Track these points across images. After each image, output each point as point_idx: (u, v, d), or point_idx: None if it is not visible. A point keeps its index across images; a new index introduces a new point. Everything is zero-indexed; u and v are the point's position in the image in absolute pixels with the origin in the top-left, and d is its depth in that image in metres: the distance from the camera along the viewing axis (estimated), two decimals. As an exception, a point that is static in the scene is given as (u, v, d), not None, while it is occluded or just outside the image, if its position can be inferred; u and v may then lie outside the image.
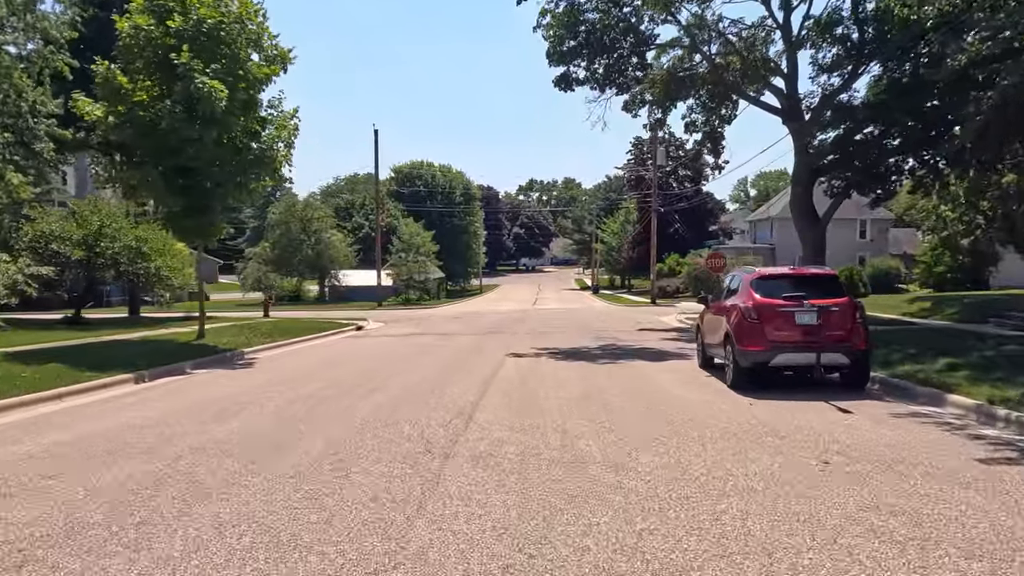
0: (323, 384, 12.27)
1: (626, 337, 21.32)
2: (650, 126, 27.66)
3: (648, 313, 34.14)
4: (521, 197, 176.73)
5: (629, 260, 71.13)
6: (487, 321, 29.83)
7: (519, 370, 13.89)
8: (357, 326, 27.27)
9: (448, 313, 38.06)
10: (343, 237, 66.40)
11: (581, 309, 40.04)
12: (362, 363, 15.62)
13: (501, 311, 38.53)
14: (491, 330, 25.08)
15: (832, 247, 55.70)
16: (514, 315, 34.24)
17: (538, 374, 13.33)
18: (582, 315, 33.62)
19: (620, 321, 28.67)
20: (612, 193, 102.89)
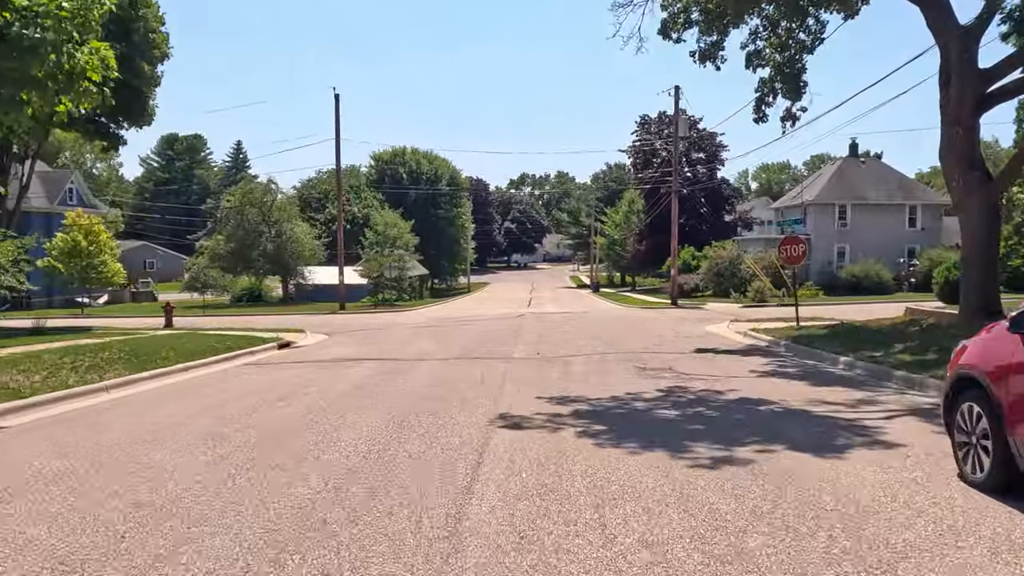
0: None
1: (689, 366, 13.15)
2: (699, 55, 19.42)
3: (680, 320, 25.97)
4: (512, 191, 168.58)
5: (635, 255, 63.02)
6: (469, 333, 21.64)
7: (525, 493, 5.59)
8: (280, 343, 18.94)
9: (423, 319, 29.76)
10: (308, 229, 57.99)
11: (588, 313, 31.80)
12: (135, 480, 7.37)
13: (489, 316, 30.35)
14: (471, 350, 16.85)
15: (877, 236, 47.79)
16: (505, 322, 26.06)
17: (575, 510, 5.07)
18: (594, 322, 25.45)
19: (652, 333, 20.52)
20: (612, 183, 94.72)
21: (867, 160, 50.39)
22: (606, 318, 27.39)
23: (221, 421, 8.45)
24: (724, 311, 31.84)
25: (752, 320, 23.43)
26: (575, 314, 30.74)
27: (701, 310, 33.15)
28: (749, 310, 32.87)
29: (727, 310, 33.06)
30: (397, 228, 54.83)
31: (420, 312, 38.19)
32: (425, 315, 33.46)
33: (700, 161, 61.67)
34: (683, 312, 31.39)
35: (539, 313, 31.67)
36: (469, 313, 33.59)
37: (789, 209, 52.90)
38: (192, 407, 9.79)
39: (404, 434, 7.64)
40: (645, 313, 30.98)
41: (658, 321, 25.08)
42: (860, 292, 43.00)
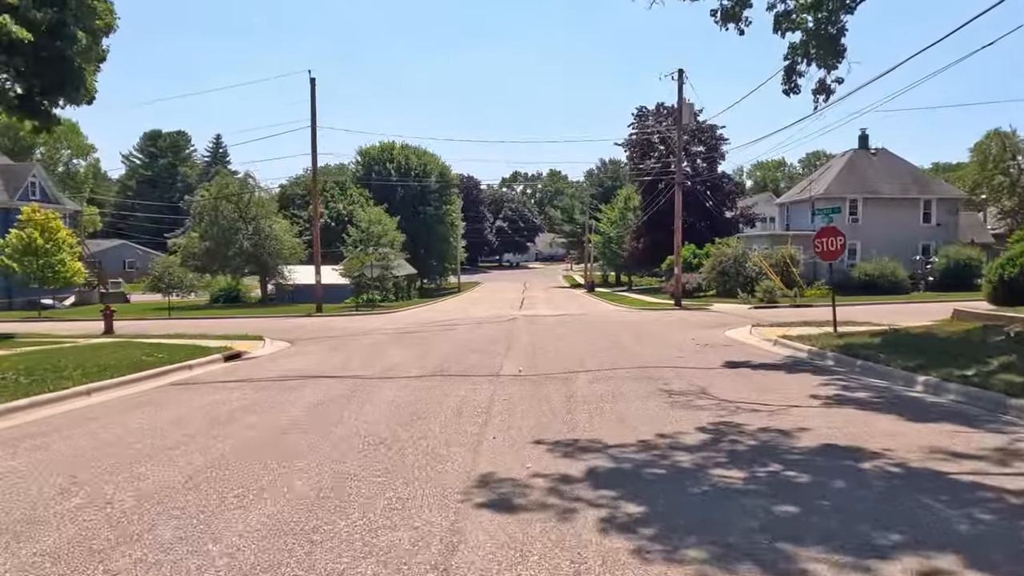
0: None
1: (727, 387, 10.30)
2: (721, 14, 16.55)
3: (692, 323, 23.14)
4: (504, 190, 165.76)
5: (632, 253, 60.24)
6: (453, 341, 18.74)
7: None
8: (228, 354, 15.98)
9: (405, 322, 26.82)
10: (288, 226, 54.93)
11: (586, 316, 28.92)
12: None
13: (478, 319, 27.45)
14: (451, 364, 13.94)
15: (890, 232, 45.07)
16: (494, 327, 23.15)
17: None
18: (594, 327, 22.58)
19: (665, 340, 17.68)
20: (607, 179, 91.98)
21: (878, 152, 47.74)
22: (607, 321, 24.55)
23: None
24: (735, 313, 29.08)
25: (774, 324, 20.63)
26: (572, 317, 27.87)
27: (709, 312, 30.37)
28: (761, 312, 30.11)
29: (738, 312, 30.28)
30: (382, 225, 51.84)
31: (403, 314, 35.24)
32: (408, 318, 30.52)
33: (700, 155, 58.92)
34: (691, 314, 28.56)
35: (532, 316, 28.78)
36: (456, 315, 30.69)
37: (795, 204, 50.21)
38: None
39: (322, 528, 4.75)
40: (649, 315, 28.16)
41: (667, 325, 22.24)
42: (874, 292, 40.33)
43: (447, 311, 36.78)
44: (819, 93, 17.80)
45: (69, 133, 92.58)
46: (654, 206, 57.05)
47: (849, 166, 46.43)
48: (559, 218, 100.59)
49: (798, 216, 49.47)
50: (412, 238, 79.03)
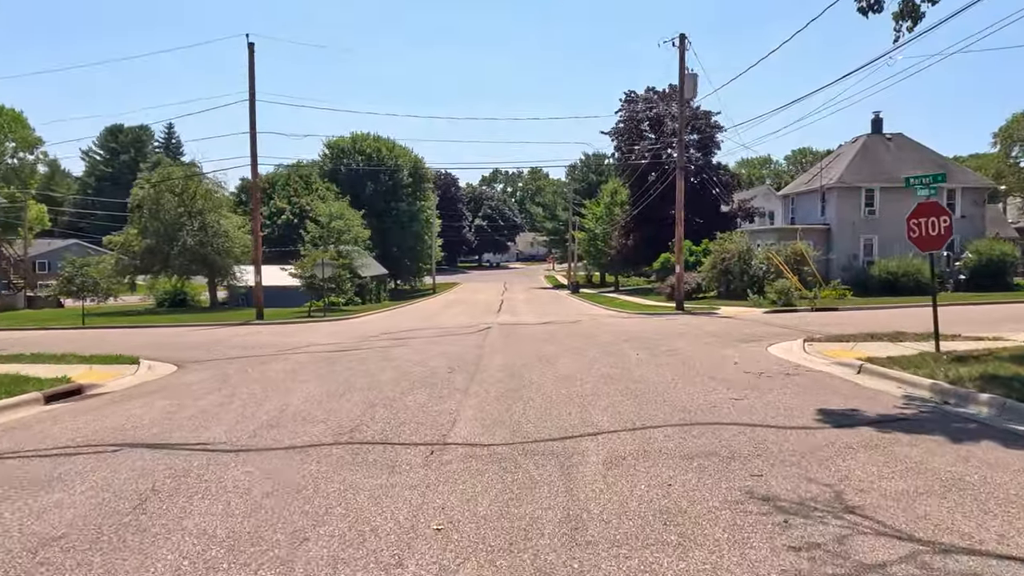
0: None
1: (879, 488, 5.28)
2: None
3: (716, 336, 18.05)
4: (484, 188, 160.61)
5: (620, 251, 55.34)
6: (398, 365, 13.51)
7: None
8: (55, 392, 10.67)
9: (352, 333, 21.41)
10: (241, 221, 49.38)
11: (578, 324, 23.66)
12: None
13: (443, 328, 22.22)
14: (371, 416, 8.80)
15: None
16: (461, 341, 17.91)
17: None
18: (592, 341, 17.41)
19: (696, 363, 12.55)
20: (592, 174, 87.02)
21: (894, 137, 43.15)
22: (604, 331, 19.40)
23: None
24: (753, 318, 24.12)
25: (830, 338, 15.65)
26: (560, 325, 22.72)
27: (719, 317, 25.39)
28: (781, 317, 25.22)
29: (755, 317, 25.36)
30: (345, 220, 46.41)
31: (360, 321, 29.93)
32: (362, 327, 25.21)
33: (693, 144, 54.07)
34: (701, 320, 23.52)
35: (511, 324, 23.58)
36: (419, 323, 25.45)
37: (802, 196, 45.49)
38: None
39: None
40: (652, 322, 23.02)
41: (682, 337, 17.17)
42: (897, 292, 35.67)
43: (412, 316, 31.54)
44: (902, 19, 12.84)
45: (13, 124, 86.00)
46: (644, 199, 52.21)
47: (863, 152, 41.79)
48: (540, 215, 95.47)
49: (805, 209, 44.77)
50: (383, 236, 73.60)
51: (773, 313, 28.15)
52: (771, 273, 37.22)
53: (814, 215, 42.92)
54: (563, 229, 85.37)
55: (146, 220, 45.88)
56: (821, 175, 41.69)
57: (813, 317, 24.91)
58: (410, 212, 73.58)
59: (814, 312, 28.58)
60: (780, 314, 27.46)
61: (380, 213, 72.81)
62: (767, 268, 37.19)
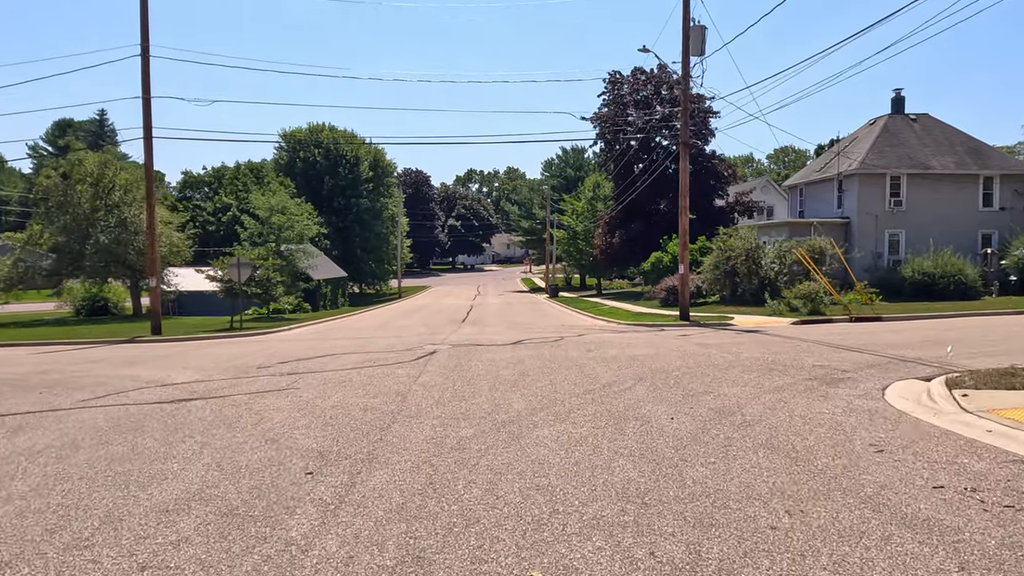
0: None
1: None
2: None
3: (766, 364, 12.09)
4: (458, 188, 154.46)
5: (604, 250, 49.42)
6: (214, 457, 7.47)
7: None
8: None
9: (242, 363, 14.87)
10: (168, 215, 42.76)
11: (559, 346, 17.12)
12: None
13: (371, 353, 15.97)
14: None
15: (943, 218, 34.21)
16: (378, 383, 11.62)
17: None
18: (593, 388, 11.29)
19: (821, 470, 6.56)
20: (571, 169, 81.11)
21: (919, 118, 37.67)
22: (602, 363, 13.04)
23: None
24: (787, 333, 18.19)
25: (965, 376, 9.70)
26: (536, 348, 16.57)
27: (742, 331, 19.39)
28: (819, 329, 19.37)
29: (785, 330, 19.49)
30: (287, 214, 39.93)
31: (277, 338, 23.61)
32: (271, 347, 18.84)
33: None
34: (729, 339, 17.48)
35: (470, 344, 17.35)
36: (351, 341, 19.16)
37: (812, 186, 39.83)
38: None
39: None
40: (664, 342, 16.78)
41: (729, 373, 10.97)
42: (933, 296, 30.13)
43: (351, 331, 25.30)
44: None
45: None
46: (631, 192, 46.39)
47: (885, 135, 36.21)
48: (516, 213, 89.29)
49: (816, 201, 39.14)
50: (344, 235, 67.16)
51: (804, 324, 22.32)
52: (784, 274, 31.54)
53: (828, 208, 37.29)
54: (540, 228, 79.43)
55: (52, 214, 39.13)
56: (838, 160, 36.02)
57: (860, 330, 19.08)
58: (372, 209, 67.17)
59: (854, 322, 22.82)
60: (813, 326, 21.64)
61: (340, 210, 66.46)
62: (780, 269, 31.51)
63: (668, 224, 46.98)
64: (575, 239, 59.45)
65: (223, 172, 66.30)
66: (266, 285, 29.15)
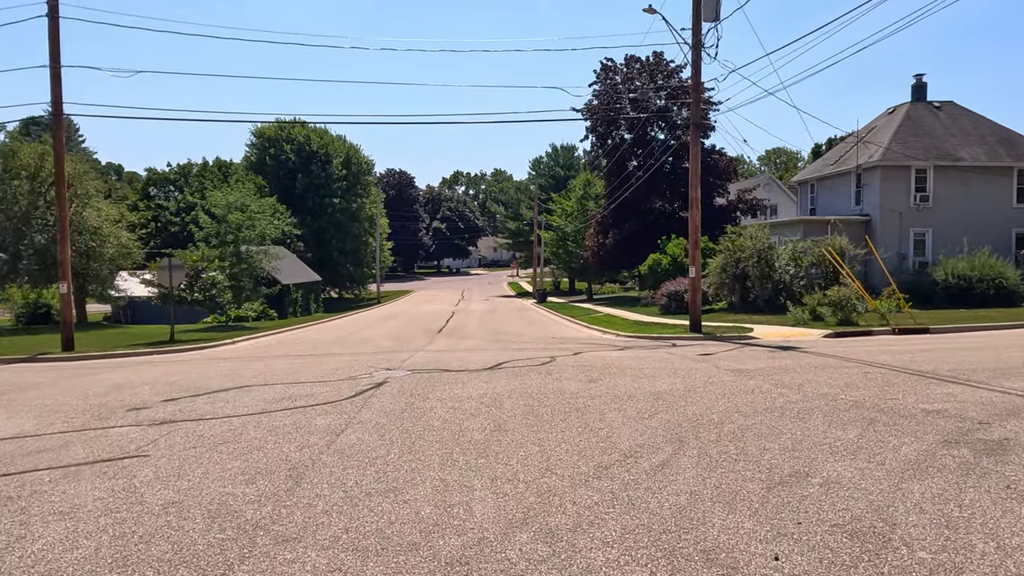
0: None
1: None
2: None
3: (887, 425, 8.48)
4: (444, 190, 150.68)
5: (597, 252, 45.81)
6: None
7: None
8: None
9: (126, 397, 11.13)
10: (117, 212, 38.76)
11: (550, 371, 13.38)
12: None
13: (305, 381, 12.19)
14: None
15: (972, 215, 29.62)
16: (275, 448, 8.00)
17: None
18: (607, 463, 7.75)
19: None
20: (559, 168, 77.50)
21: (943, 105, 34.31)
22: (612, 403, 9.35)
23: None
24: (832, 351, 14.53)
25: None
26: (520, 373, 12.87)
27: (773, 347, 15.73)
28: (864, 344, 15.79)
29: (824, 346, 15.91)
30: (247, 211, 36.01)
31: (207, 357, 19.73)
32: (194, 369, 14.90)
33: (682, 123, 44.80)
34: (768, 360, 13.81)
35: (437, 370, 13.62)
36: (285, 365, 15.31)
37: (826, 181, 36.37)
38: None
39: None
40: (687, 367, 13.10)
41: (809, 426, 7.43)
42: (968, 302, 26.73)
43: (304, 346, 21.49)
44: None
45: None
46: (624, 190, 42.80)
47: (908, 123, 32.81)
48: (502, 215, 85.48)
49: (830, 198, 35.69)
50: (319, 237, 63.15)
51: (839, 337, 18.74)
52: (801, 278, 28.04)
53: (844, 204, 33.82)
54: (527, 230, 75.74)
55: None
56: (856, 152, 32.55)
57: (917, 346, 15.45)
58: (348, 209, 63.20)
59: (897, 335, 19.26)
60: (852, 340, 18.08)
61: (314, 211, 62.52)
62: (796, 272, 28.04)
63: (665, 224, 43.46)
64: (564, 241, 55.86)
65: (189, 169, 62.19)
66: (211, 290, 25.22)
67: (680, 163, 45.02)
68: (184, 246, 51.63)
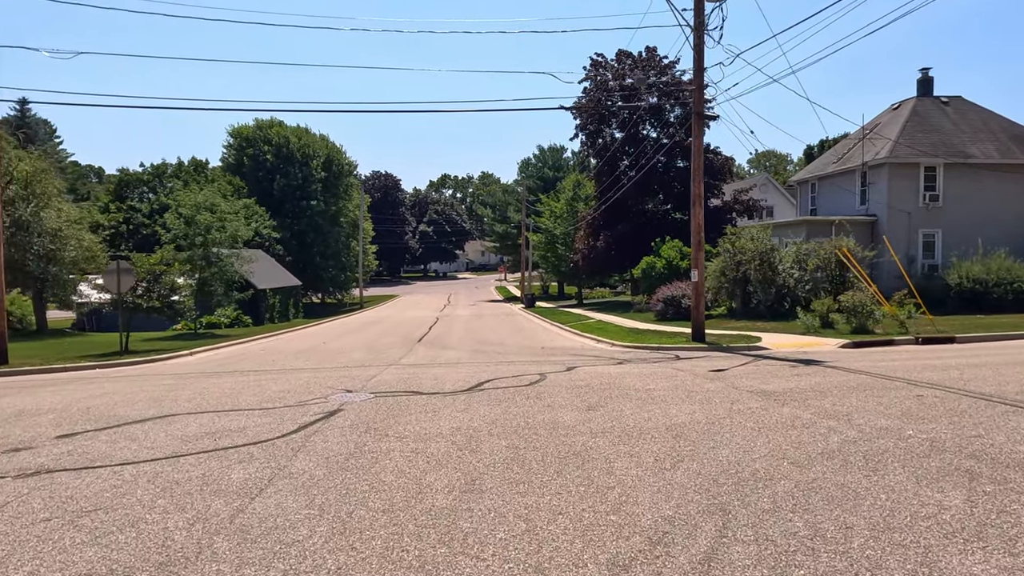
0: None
1: None
2: None
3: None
4: (431, 193, 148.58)
5: (587, 255, 43.94)
6: None
7: None
8: None
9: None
10: (78, 212, 36.56)
11: (539, 394, 11.66)
12: None
13: (244, 408, 10.33)
14: None
15: (983, 215, 26.74)
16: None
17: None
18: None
19: None
20: (548, 169, 75.64)
21: (951, 101, 32.71)
22: (621, 448, 7.66)
23: None
24: (858, 366, 12.70)
25: None
26: (515, 393, 10.99)
27: (789, 361, 13.90)
28: (885, 355, 13.97)
29: (846, 358, 14.11)
30: (218, 213, 33.86)
31: (131, 376, 17.66)
32: (92, 395, 12.62)
33: (675, 121, 43.05)
34: (798, 381, 11.98)
35: (404, 394, 11.62)
36: (231, 383, 13.31)
37: (828, 180, 34.67)
38: None
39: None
40: (713, 391, 10.75)
41: (913, 477, 5.61)
42: (983, 308, 25.07)
43: (259, 359, 19.45)
44: None
45: None
46: (616, 190, 40.99)
47: (915, 119, 31.16)
48: (489, 217, 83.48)
49: (832, 196, 33.99)
50: (299, 240, 61.00)
51: (859, 347, 16.96)
52: (806, 282, 26.30)
53: (848, 204, 32.12)
54: (515, 232, 73.84)
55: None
56: (862, 148, 30.84)
57: (954, 360, 13.62)
58: (327, 212, 61.04)
59: (921, 344, 17.49)
60: (873, 351, 16.32)
61: (295, 213, 60.37)
62: (801, 276, 26.32)
63: (658, 225, 41.73)
64: (553, 243, 53.97)
65: (163, 169, 59.85)
66: (170, 297, 23.14)
67: (673, 162, 43.32)
68: (155, 249, 49.37)
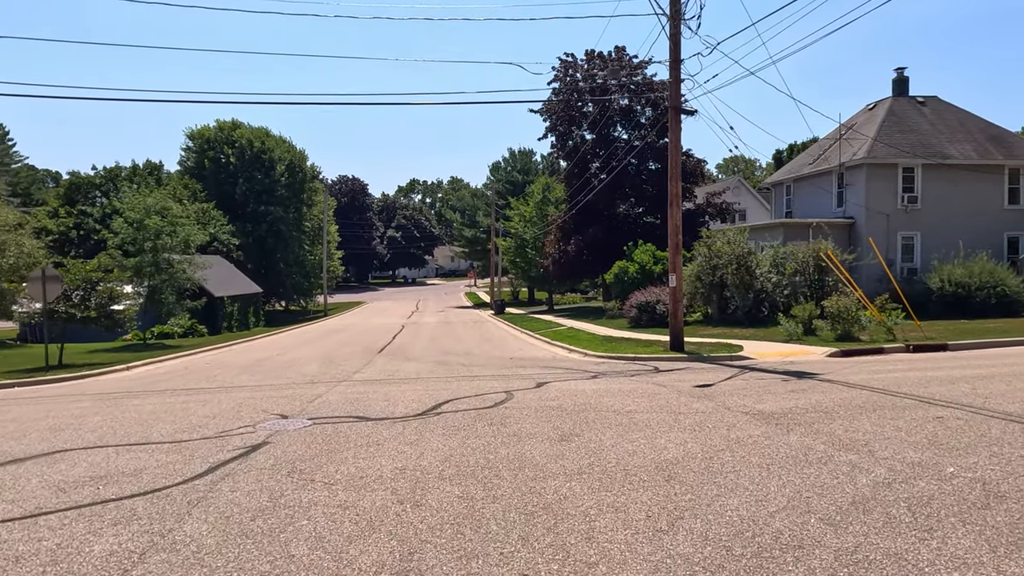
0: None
1: None
2: None
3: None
4: (400, 198, 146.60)
5: (558, 260, 42.67)
6: None
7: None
8: None
9: None
10: (18, 216, 34.33)
11: (505, 417, 10.29)
12: None
13: (155, 441, 8.90)
14: None
15: (962, 217, 25.38)
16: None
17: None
18: None
19: None
20: (517, 173, 74.37)
21: (927, 100, 32.07)
22: (619, 494, 6.29)
23: None
24: (858, 378, 11.58)
25: None
26: (477, 417, 9.61)
27: (779, 374, 12.72)
28: (878, 365, 12.86)
29: (835, 368, 12.97)
30: (170, 215, 31.96)
31: (35, 398, 16.02)
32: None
33: (647, 122, 42.06)
34: (797, 400, 10.79)
35: (348, 420, 10.16)
36: (152, 407, 11.71)
37: (803, 181, 33.84)
38: None
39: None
40: (704, 413, 9.66)
41: (976, 552, 4.44)
42: (966, 312, 24.29)
43: (198, 374, 17.78)
44: None
45: None
46: (586, 193, 39.86)
47: (892, 119, 30.44)
48: (458, 222, 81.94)
49: (808, 199, 33.16)
50: (261, 245, 59.00)
51: (847, 356, 15.87)
52: (785, 287, 25.37)
53: (825, 206, 31.28)
54: (484, 237, 72.44)
55: None
56: (839, 149, 30.02)
57: (957, 371, 12.55)
58: (290, 219, 59.05)
59: (913, 352, 16.47)
60: (864, 359, 15.26)
61: (257, 218, 58.33)
62: (779, 280, 25.39)
63: (630, 229, 40.69)
64: (523, 248, 52.68)
65: (116, 172, 57.44)
66: (107, 305, 21.35)
67: (645, 164, 42.32)
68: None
